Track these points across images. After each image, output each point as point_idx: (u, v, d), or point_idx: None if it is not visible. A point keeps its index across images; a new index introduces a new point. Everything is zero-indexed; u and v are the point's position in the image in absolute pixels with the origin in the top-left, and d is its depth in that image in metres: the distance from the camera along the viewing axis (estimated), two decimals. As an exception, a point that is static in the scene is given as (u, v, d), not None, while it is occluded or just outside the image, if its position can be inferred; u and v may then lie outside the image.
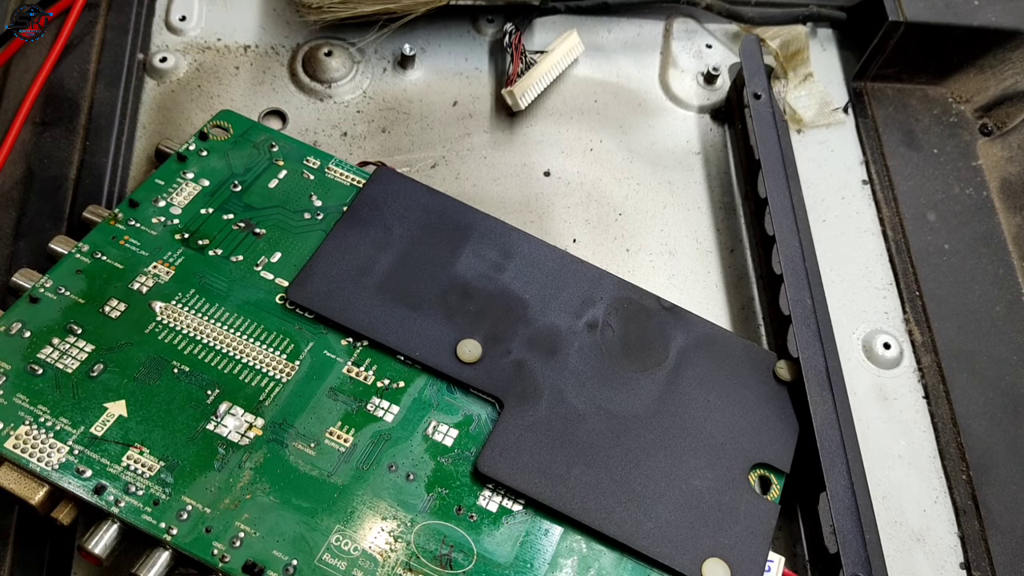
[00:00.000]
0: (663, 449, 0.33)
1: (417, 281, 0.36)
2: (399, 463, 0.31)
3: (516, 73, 0.45)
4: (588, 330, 0.36)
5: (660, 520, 0.31)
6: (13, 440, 0.30)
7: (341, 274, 0.35)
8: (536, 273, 0.37)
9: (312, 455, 0.31)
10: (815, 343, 0.35)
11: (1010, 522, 0.36)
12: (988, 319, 0.41)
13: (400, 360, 0.34)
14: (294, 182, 0.39)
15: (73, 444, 0.30)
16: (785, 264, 0.37)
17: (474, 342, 0.34)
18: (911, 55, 0.47)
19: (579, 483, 0.32)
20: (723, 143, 0.47)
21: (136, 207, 0.37)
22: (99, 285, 0.34)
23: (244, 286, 0.35)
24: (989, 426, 0.38)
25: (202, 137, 0.39)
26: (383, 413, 0.33)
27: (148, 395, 0.32)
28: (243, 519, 0.29)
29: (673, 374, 0.35)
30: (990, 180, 0.46)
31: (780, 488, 0.33)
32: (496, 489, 0.31)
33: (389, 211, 0.38)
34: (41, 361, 0.32)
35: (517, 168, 0.44)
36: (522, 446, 0.32)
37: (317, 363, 0.33)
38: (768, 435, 0.34)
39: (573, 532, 0.31)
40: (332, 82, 0.45)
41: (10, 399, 0.31)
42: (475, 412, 0.33)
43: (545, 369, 0.34)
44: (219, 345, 0.33)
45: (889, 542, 0.35)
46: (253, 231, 0.37)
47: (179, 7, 0.47)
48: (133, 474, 0.30)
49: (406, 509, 0.30)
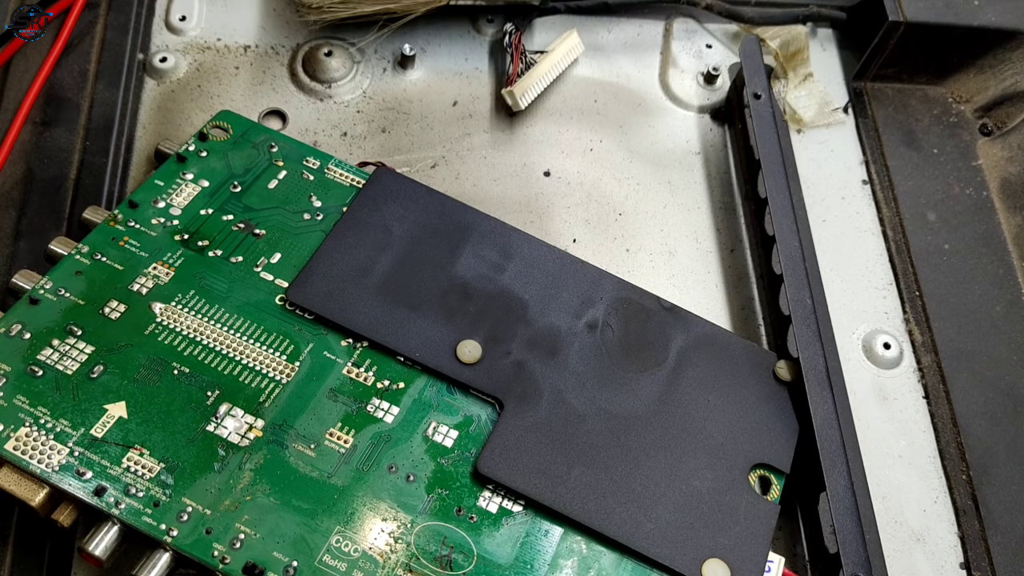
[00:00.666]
0: (663, 450, 0.33)
1: (417, 282, 0.36)
2: (399, 464, 0.31)
3: (516, 73, 0.45)
4: (588, 330, 0.36)
5: (660, 521, 0.31)
6: (13, 442, 0.30)
7: (341, 275, 0.35)
8: (536, 273, 0.37)
9: (312, 456, 0.31)
10: (815, 343, 0.35)
11: (1010, 522, 0.36)
12: (988, 319, 0.41)
13: (400, 361, 0.34)
14: (294, 183, 0.39)
15: (73, 446, 0.30)
16: (785, 264, 0.37)
17: (474, 343, 0.34)
18: (911, 55, 0.47)
19: (579, 484, 0.32)
20: (723, 143, 0.46)
21: (136, 208, 0.37)
22: (99, 286, 0.34)
23: (244, 287, 0.35)
24: (989, 426, 0.38)
25: (201, 138, 0.39)
26: (383, 414, 0.33)
27: (148, 397, 0.32)
28: (243, 520, 0.29)
29: (673, 374, 0.35)
30: (990, 180, 0.46)
31: (780, 488, 0.33)
32: (496, 490, 0.31)
33: (389, 212, 0.38)
34: (41, 363, 0.32)
35: (517, 168, 0.44)
36: (522, 447, 0.32)
37: (317, 364, 0.33)
38: (768, 435, 0.34)
39: (573, 533, 0.31)
40: (332, 82, 0.45)
41: (10, 401, 0.31)
42: (475, 413, 0.33)
43: (545, 370, 0.34)
44: (219, 346, 0.33)
45: (889, 542, 0.35)
46: (253, 232, 0.37)
47: (179, 7, 0.47)
48: (133, 476, 0.30)
49: (406, 510, 0.30)
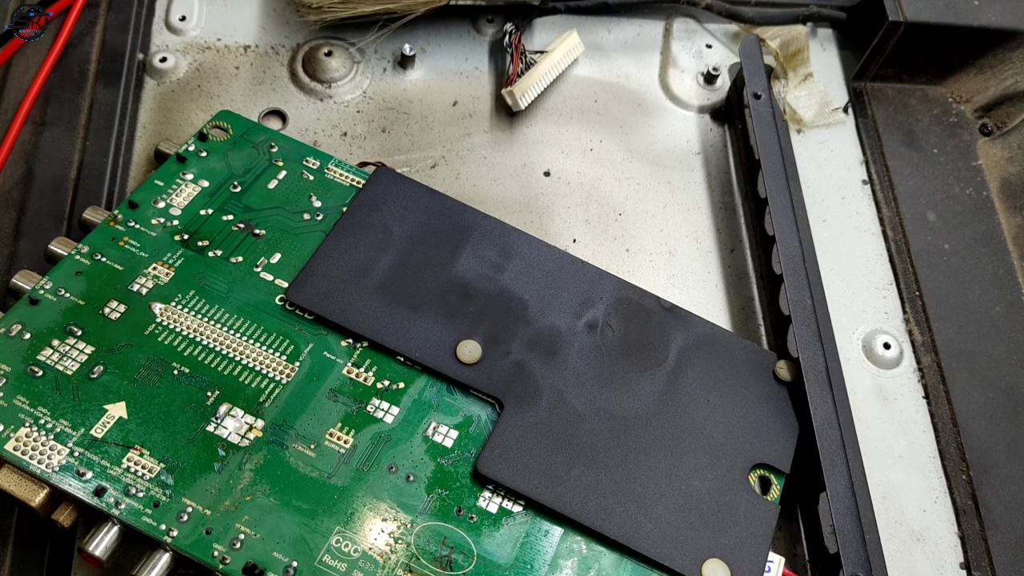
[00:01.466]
0: (663, 450, 0.33)
1: (417, 282, 0.36)
2: (399, 464, 0.31)
3: (516, 73, 0.45)
4: (588, 331, 0.36)
5: (660, 521, 0.31)
6: (13, 442, 0.30)
7: (341, 275, 0.35)
8: (536, 273, 0.37)
9: (312, 456, 0.31)
10: (815, 343, 0.35)
11: (1010, 522, 0.36)
12: (988, 319, 0.41)
13: (400, 361, 0.34)
14: (294, 183, 0.39)
15: (73, 446, 0.30)
16: (785, 264, 0.37)
17: (474, 343, 0.34)
18: (911, 55, 0.47)
19: (579, 484, 0.32)
20: (723, 143, 0.46)
21: (136, 208, 0.37)
22: (99, 287, 0.34)
23: (244, 287, 0.35)
24: (989, 426, 0.38)
25: (201, 138, 0.39)
26: (383, 414, 0.33)
27: (148, 397, 0.32)
28: (243, 521, 0.29)
29: (673, 374, 0.35)
30: (990, 180, 0.46)
31: (780, 488, 0.33)
32: (496, 490, 0.31)
33: (388, 212, 0.38)
34: (41, 363, 0.32)
35: (517, 168, 0.44)
36: (522, 447, 0.32)
37: (317, 364, 0.33)
38: (768, 435, 0.34)
39: (573, 533, 0.31)
40: (332, 82, 0.45)
41: (10, 401, 0.31)
42: (475, 413, 0.33)
43: (545, 370, 0.34)
44: (219, 346, 0.33)
45: (889, 542, 0.35)
46: (253, 232, 0.37)
47: (179, 7, 0.47)
48: (133, 476, 0.30)
49: (406, 510, 0.30)
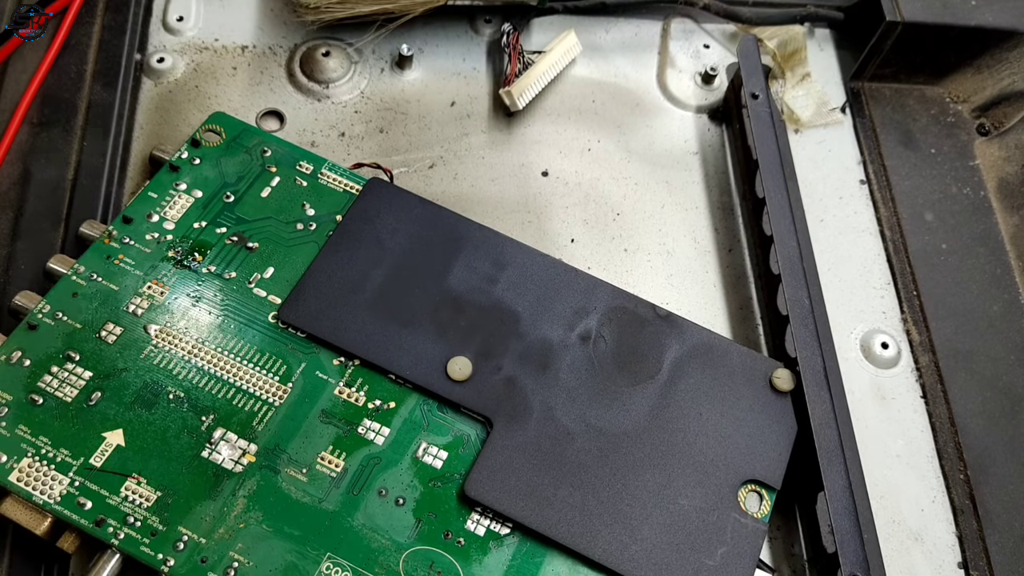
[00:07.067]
0: (652, 467, 0.32)
1: (409, 296, 0.35)
2: (389, 487, 0.31)
3: (514, 73, 0.45)
4: (580, 342, 0.35)
5: (646, 543, 0.31)
6: (17, 473, 0.30)
7: (333, 292, 0.35)
8: (529, 284, 0.36)
9: (304, 481, 0.31)
10: (813, 343, 0.35)
11: (1008, 521, 0.36)
12: (985, 319, 0.41)
13: (391, 379, 0.34)
14: (287, 190, 0.38)
15: (74, 476, 0.30)
16: (783, 264, 0.37)
17: (464, 359, 0.34)
18: (908, 55, 0.47)
19: (565, 505, 0.31)
20: (721, 143, 0.47)
21: (130, 223, 0.36)
22: (95, 308, 0.34)
23: (238, 305, 0.35)
24: (987, 425, 0.38)
25: (194, 144, 0.39)
26: (374, 436, 0.33)
27: (144, 423, 0.32)
28: (237, 549, 0.30)
29: (666, 387, 0.34)
30: (987, 180, 0.46)
31: (771, 505, 0.33)
32: (484, 512, 0.31)
33: (381, 224, 0.37)
34: (41, 390, 0.32)
35: (515, 168, 0.44)
36: (509, 468, 0.32)
37: (309, 385, 0.33)
38: (761, 449, 0.33)
39: (560, 556, 0.31)
40: (330, 82, 0.45)
41: (12, 431, 0.31)
42: (465, 432, 0.33)
43: (535, 385, 0.34)
44: (213, 368, 0.33)
45: (887, 542, 0.35)
46: (246, 245, 0.36)
47: (176, 7, 0.47)
48: (131, 505, 0.30)
49: (395, 534, 0.31)
